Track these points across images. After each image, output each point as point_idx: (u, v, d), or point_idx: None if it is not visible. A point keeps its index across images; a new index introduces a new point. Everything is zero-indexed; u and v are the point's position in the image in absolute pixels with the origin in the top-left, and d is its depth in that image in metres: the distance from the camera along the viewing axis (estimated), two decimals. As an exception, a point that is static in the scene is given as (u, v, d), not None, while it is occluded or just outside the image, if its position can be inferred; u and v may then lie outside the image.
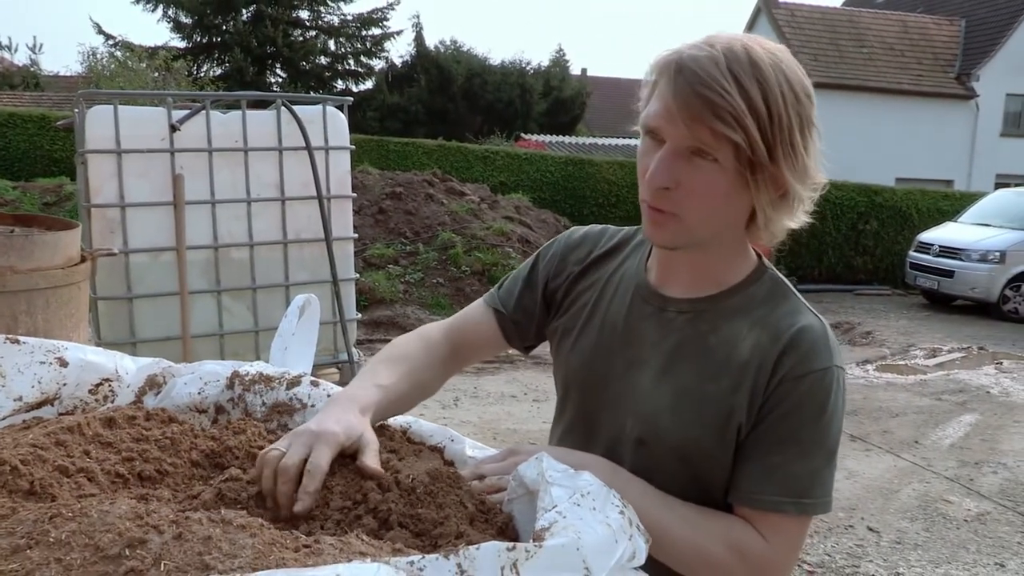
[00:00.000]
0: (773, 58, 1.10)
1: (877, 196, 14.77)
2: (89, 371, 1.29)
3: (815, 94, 1.17)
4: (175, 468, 1.10)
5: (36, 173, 12.03)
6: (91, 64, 23.15)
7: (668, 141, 1.11)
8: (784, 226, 1.19)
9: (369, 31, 29.32)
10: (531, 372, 7.59)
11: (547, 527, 0.79)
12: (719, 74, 1.06)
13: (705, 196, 1.12)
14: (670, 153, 1.11)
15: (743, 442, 1.18)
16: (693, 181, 1.11)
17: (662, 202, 1.14)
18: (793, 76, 1.11)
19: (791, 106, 1.09)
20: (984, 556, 4.40)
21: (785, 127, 1.08)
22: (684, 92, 1.07)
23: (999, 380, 8.31)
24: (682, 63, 1.08)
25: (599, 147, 22.83)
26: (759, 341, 1.18)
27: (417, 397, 1.36)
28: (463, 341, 1.45)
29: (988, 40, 24.84)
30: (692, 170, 1.11)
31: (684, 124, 1.08)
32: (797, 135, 1.10)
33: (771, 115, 1.07)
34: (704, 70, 1.06)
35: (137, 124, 4.42)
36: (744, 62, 1.07)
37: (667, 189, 1.12)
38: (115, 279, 4.42)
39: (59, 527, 0.76)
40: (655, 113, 1.12)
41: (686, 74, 1.07)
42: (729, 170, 1.10)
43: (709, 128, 1.06)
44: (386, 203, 10.80)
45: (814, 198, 1.19)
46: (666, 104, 1.09)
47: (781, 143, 1.08)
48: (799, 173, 1.12)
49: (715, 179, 1.10)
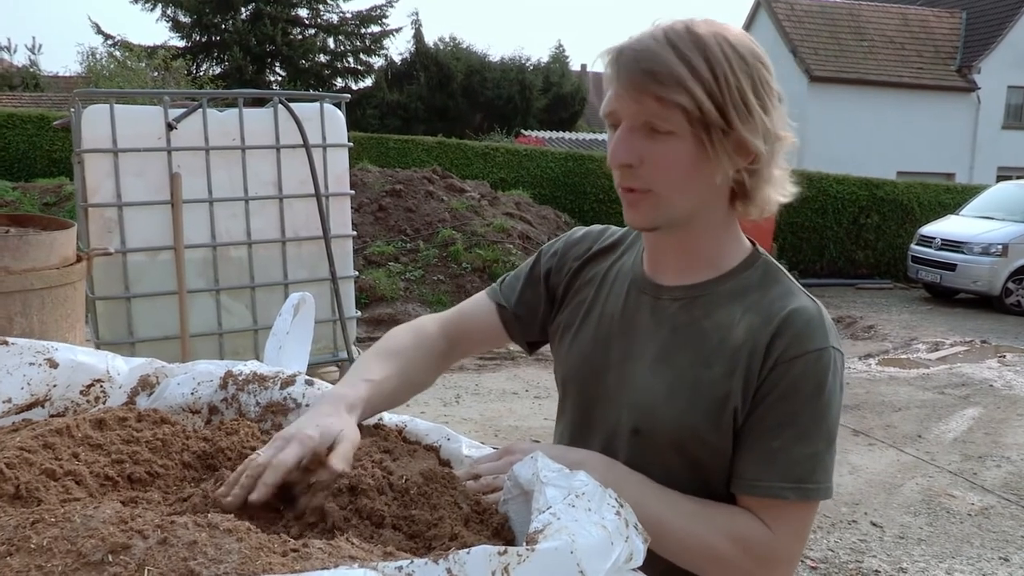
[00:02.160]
0: (714, 29, 1.13)
1: (878, 190, 14.73)
2: (80, 372, 1.28)
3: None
4: (166, 470, 1.08)
5: (36, 173, 12.04)
6: (90, 64, 23.12)
7: (623, 120, 1.13)
8: (769, 197, 1.19)
9: (368, 29, 29.29)
10: (532, 369, 7.58)
11: (540, 529, 0.77)
12: (657, 46, 1.09)
13: (671, 168, 1.13)
14: (626, 130, 1.13)
15: (740, 429, 1.16)
16: (655, 155, 1.12)
17: (631, 180, 1.15)
18: (739, 43, 1.12)
19: (738, 68, 1.10)
20: (988, 550, 4.38)
21: (734, 87, 1.09)
22: (627, 69, 1.10)
23: (1002, 373, 8.28)
24: (624, 46, 1.13)
25: (599, 143, 22.80)
26: (752, 324, 1.17)
27: (410, 391, 1.35)
28: (461, 334, 1.45)
29: (989, 32, 24.77)
30: (653, 144, 1.12)
31: (632, 99, 1.10)
32: (750, 95, 1.10)
33: (716, 76, 1.09)
34: (643, 45, 1.10)
35: (133, 123, 4.40)
36: (682, 34, 1.10)
37: (631, 167, 1.14)
38: (113, 279, 4.40)
39: (41, 533, 0.74)
40: (608, 98, 1.15)
41: (627, 53, 1.11)
42: (687, 138, 1.11)
43: (654, 96, 1.08)
44: (386, 200, 10.78)
45: (788, 158, 1.19)
46: (614, 86, 1.13)
47: (732, 103, 1.09)
48: (760, 133, 1.12)
49: (676, 149, 1.12)
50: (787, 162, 1.19)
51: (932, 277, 12.67)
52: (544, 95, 28.66)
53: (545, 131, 25.52)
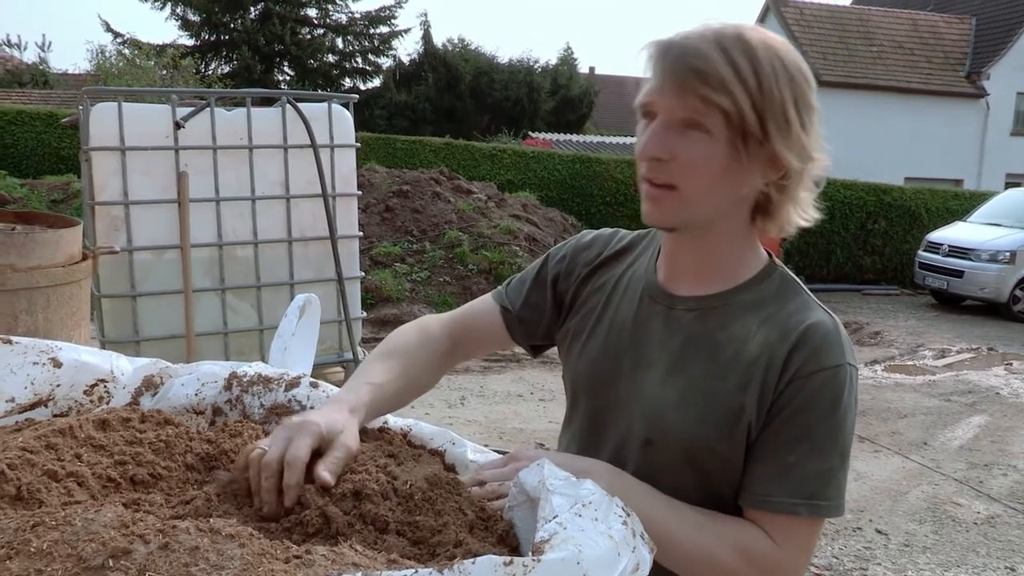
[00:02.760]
0: (764, 38, 1.12)
1: (886, 195, 14.69)
2: (84, 372, 1.27)
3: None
4: (169, 472, 1.07)
5: (44, 170, 12.06)
6: (99, 62, 23.18)
7: (660, 113, 1.12)
8: (791, 216, 1.18)
9: (377, 29, 29.32)
10: (537, 371, 7.56)
11: (547, 539, 0.76)
12: (707, 47, 1.08)
13: (701, 169, 1.11)
14: (662, 125, 1.12)
15: (753, 442, 1.15)
16: (688, 153, 1.11)
17: (658, 174, 1.13)
18: (787, 57, 1.12)
19: (783, 81, 1.09)
20: (994, 559, 4.36)
21: (777, 100, 1.08)
22: (674, 64, 1.09)
23: (1009, 381, 8.25)
24: (672, 41, 1.11)
25: (607, 145, 22.79)
26: (768, 338, 1.16)
27: (414, 392, 1.34)
28: (465, 335, 1.44)
29: (999, 38, 24.71)
30: (686, 142, 1.11)
31: (674, 94, 1.09)
32: (792, 111, 1.10)
33: (761, 86, 1.08)
34: (692, 43, 1.09)
35: (141, 121, 4.40)
36: (733, 39, 1.09)
37: (661, 160, 1.12)
38: (119, 277, 4.40)
39: (41, 536, 0.73)
40: (647, 89, 1.13)
41: (675, 49, 1.10)
42: (722, 141, 1.09)
43: (699, 95, 1.07)
44: (393, 201, 10.78)
45: (820, 183, 1.18)
46: (657, 80, 1.11)
47: (772, 115, 1.08)
48: (796, 150, 1.11)
49: (709, 151, 1.10)
50: (816, 185, 1.18)
51: (939, 283, 12.63)
52: (552, 97, 28.65)
53: (553, 133, 25.50)
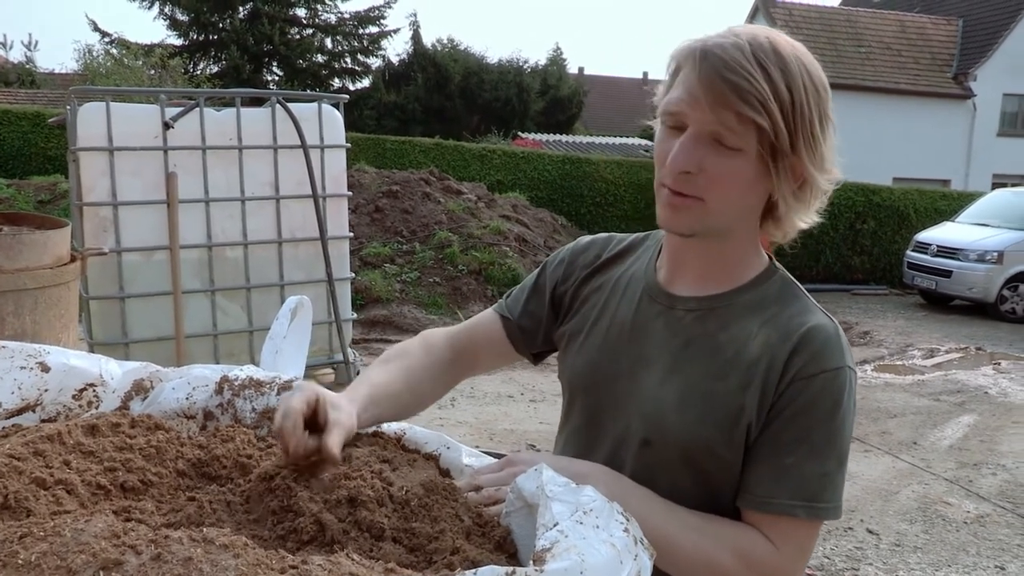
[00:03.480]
0: (795, 51, 1.11)
1: (875, 196, 14.74)
2: (72, 376, 1.25)
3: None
4: (160, 478, 1.06)
5: (31, 171, 11.98)
6: (87, 61, 23.05)
7: (691, 126, 1.11)
8: (797, 223, 1.19)
9: (366, 29, 29.26)
10: (528, 372, 7.55)
11: (548, 548, 0.75)
12: (745, 60, 1.06)
13: (729, 183, 1.11)
14: (692, 138, 1.11)
15: (753, 444, 1.15)
16: (717, 168, 1.10)
17: (685, 186, 1.13)
18: (813, 69, 1.11)
19: (812, 97, 1.09)
20: (984, 559, 4.37)
21: (807, 117, 1.09)
22: (710, 76, 1.07)
23: (997, 380, 8.29)
24: (707, 49, 1.08)
25: (596, 146, 22.80)
26: (769, 339, 1.16)
27: (415, 397, 1.34)
28: (468, 346, 1.44)
29: (985, 40, 24.85)
30: (715, 157, 1.10)
31: (709, 107, 1.07)
32: (818, 126, 1.10)
33: (794, 103, 1.08)
34: (730, 55, 1.07)
35: (130, 121, 4.37)
36: (768, 51, 1.08)
37: (689, 173, 1.11)
38: (107, 279, 4.37)
39: (29, 547, 0.71)
40: (677, 98, 1.12)
41: (711, 59, 1.07)
42: (752, 157, 1.09)
43: (735, 111, 1.06)
44: (382, 202, 10.75)
45: (828, 193, 1.19)
46: (690, 88, 1.09)
47: (802, 132, 1.09)
48: (818, 163, 1.12)
49: (739, 166, 1.10)
50: (826, 194, 1.18)
51: (928, 283, 12.68)
52: (541, 98, 28.67)
53: (542, 134, 25.50)
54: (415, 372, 1.34)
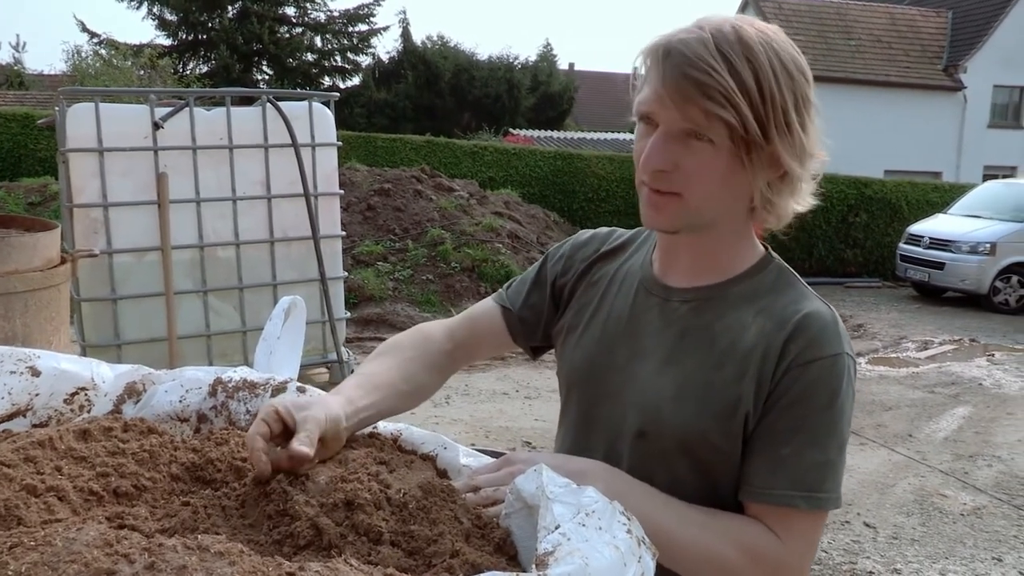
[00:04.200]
0: (763, 37, 1.09)
1: (866, 188, 14.77)
2: (63, 380, 1.23)
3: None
4: (154, 483, 1.04)
5: (20, 173, 11.93)
6: (75, 62, 22.97)
7: (661, 124, 1.10)
8: (789, 209, 1.17)
9: (356, 27, 29.20)
10: (523, 369, 7.54)
11: (551, 551, 0.73)
12: (707, 54, 1.05)
13: (704, 177, 1.11)
14: (663, 136, 1.10)
15: (751, 434, 1.13)
16: (690, 163, 1.10)
17: (662, 183, 1.12)
18: (785, 54, 1.09)
19: (784, 84, 1.08)
20: (981, 550, 4.38)
21: (779, 105, 1.07)
22: (673, 74, 1.06)
23: (991, 372, 8.31)
24: (670, 46, 1.08)
25: (588, 141, 22.81)
26: (764, 328, 1.15)
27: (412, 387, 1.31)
28: (468, 337, 1.43)
29: (975, 32, 24.91)
30: (688, 152, 1.10)
31: (675, 106, 1.07)
32: (792, 113, 1.09)
33: (763, 93, 1.06)
34: (692, 51, 1.05)
35: (119, 122, 4.34)
36: (733, 42, 1.06)
37: (664, 171, 1.11)
38: (99, 280, 4.34)
39: (19, 558, 0.70)
40: (646, 98, 1.11)
41: (674, 56, 1.06)
42: (724, 150, 1.08)
43: (701, 108, 1.05)
44: (374, 200, 10.72)
45: (817, 178, 1.18)
46: (656, 88, 1.09)
47: (775, 122, 1.07)
48: (796, 152, 1.11)
49: (712, 160, 1.09)
50: (814, 177, 1.17)
51: (921, 276, 12.71)
52: (532, 94, 28.64)
53: (533, 130, 25.49)
54: (411, 362, 1.32)
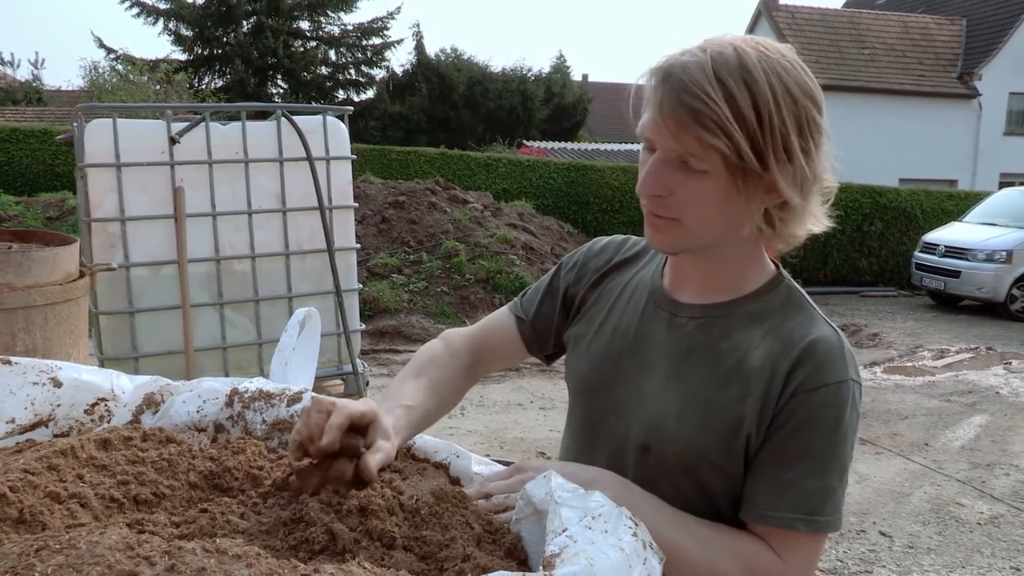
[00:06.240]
0: (767, 61, 1.06)
1: (881, 197, 14.71)
2: (84, 391, 1.26)
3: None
4: (172, 491, 1.07)
5: (39, 188, 12.05)
6: (92, 78, 23.19)
7: (658, 150, 1.11)
8: (798, 232, 1.16)
9: (370, 41, 29.35)
10: (537, 380, 7.55)
11: (557, 553, 0.75)
12: (704, 80, 1.03)
13: (699, 204, 1.11)
14: (659, 162, 1.10)
15: (754, 456, 1.15)
16: (685, 190, 1.10)
17: (660, 208, 1.13)
18: (789, 78, 1.07)
19: (786, 109, 1.05)
20: (999, 559, 4.35)
21: (778, 132, 1.05)
22: (670, 101, 1.05)
23: (1008, 380, 8.25)
24: (670, 70, 1.07)
25: (601, 152, 22.81)
26: (771, 350, 1.15)
27: (442, 411, 1.36)
28: (486, 348, 1.46)
29: (990, 39, 24.79)
30: (684, 178, 1.09)
31: (671, 134, 1.07)
32: (793, 139, 1.06)
33: (760, 121, 1.04)
34: (690, 77, 1.04)
35: (136, 137, 4.38)
36: (733, 67, 1.04)
37: (660, 197, 1.12)
38: (116, 293, 4.38)
39: (45, 560, 0.72)
40: (645, 123, 1.11)
41: (672, 82, 1.06)
42: (721, 178, 1.08)
43: (695, 137, 1.05)
44: (389, 212, 10.78)
45: (829, 201, 1.17)
46: (653, 114, 1.09)
47: (774, 149, 1.05)
48: (796, 180, 1.08)
49: (707, 187, 1.09)
50: (825, 201, 1.16)
51: (936, 284, 12.64)
52: (545, 105, 28.66)
53: (547, 141, 25.52)
54: (444, 384, 1.35)
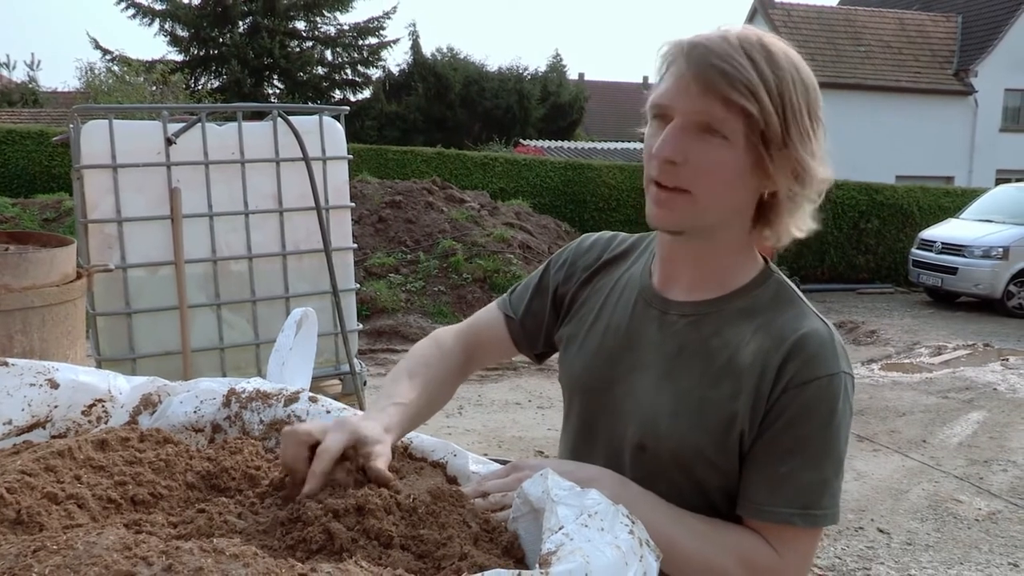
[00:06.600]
0: (785, 50, 1.11)
1: (878, 194, 14.74)
2: (81, 392, 1.26)
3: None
4: (170, 491, 1.07)
5: (35, 189, 12.04)
6: (88, 79, 23.19)
7: (677, 116, 1.10)
8: (790, 227, 1.17)
9: (366, 40, 29.34)
10: (535, 379, 7.55)
11: (554, 551, 0.76)
12: (733, 50, 1.06)
13: (715, 174, 1.10)
14: (678, 127, 1.09)
15: (748, 452, 1.15)
16: (703, 158, 1.09)
17: (670, 178, 1.11)
18: (803, 69, 1.12)
19: (800, 91, 1.09)
20: (997, 556, 4.36)
21: (797, 109, 1.08)
22: (698, 63, 1.06)
23: (1005, 377, 8.26)
24: (695, 41, 1.09)
25: (598, 151, 22.82)
26: (762, 346, 1.15)
27: (433, 409, 1.35)
28: (475, 345, 1.46)
29: (985, 36, 24.82)
30: (702, 146, 1.09)
31: (697, 94, 1.07)
32: (807, 121, 1.09)
33: (783, 95, 1.07)
34: (718, 45, 1.07)
35: (133, 138, 4.38)
36: (757, 45, 1.08)
37: (674, 164, 1.10)
38: (113, 294, 4.38)
39: (43, 561, 0.72)
40: (665, 90, 1.11)
41: (699, 49, 1.07)
42: (740, 148, 1.08)
43: (722, 97, 1.05)
44: (386, 212, 10.78)
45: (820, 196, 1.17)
46: (678, 78, 1.09)
47: (795, 123, 1.08)
48: (817, 157, 1.11)
49: (726, 157, 1.09)
50: (817, 197, 1.17)
51: (933, 281, 12.66)
52: (542, 104, 28.66)
53: (543, 140, 25.51)
54: (436, 382, 1.35)
